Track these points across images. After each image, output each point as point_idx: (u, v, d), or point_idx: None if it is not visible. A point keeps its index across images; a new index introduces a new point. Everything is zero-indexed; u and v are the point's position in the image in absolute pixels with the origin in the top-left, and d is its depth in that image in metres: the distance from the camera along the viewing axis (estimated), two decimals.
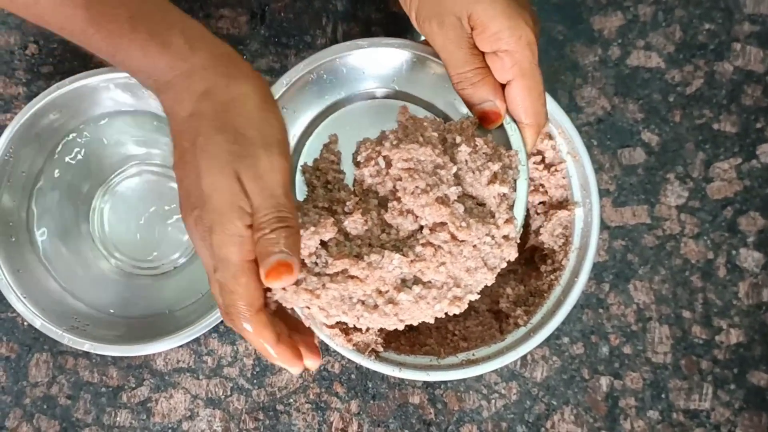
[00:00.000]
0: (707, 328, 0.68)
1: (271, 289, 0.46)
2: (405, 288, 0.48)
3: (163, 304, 0.67)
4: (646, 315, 0.68)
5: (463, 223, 0.48)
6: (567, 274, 0.58)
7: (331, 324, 0.50)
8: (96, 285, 0.67)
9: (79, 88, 0.61)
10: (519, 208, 0.52)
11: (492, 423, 0.67)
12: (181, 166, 0.45)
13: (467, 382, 0.67)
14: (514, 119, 0.52)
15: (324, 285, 0.47)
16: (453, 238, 0.48)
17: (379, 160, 0.51)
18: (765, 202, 0.69)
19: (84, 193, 0.68)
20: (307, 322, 0.54)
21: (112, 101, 0.64)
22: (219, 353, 0.67)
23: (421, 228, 0.49)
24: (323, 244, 0.48)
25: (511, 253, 0.50)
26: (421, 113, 0.56)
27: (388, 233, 0.49)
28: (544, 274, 0.59)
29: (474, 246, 0.48)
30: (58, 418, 0.67)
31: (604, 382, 0.68)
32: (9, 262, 0.61)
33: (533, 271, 0.60)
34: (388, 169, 0.50)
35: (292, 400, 0.67)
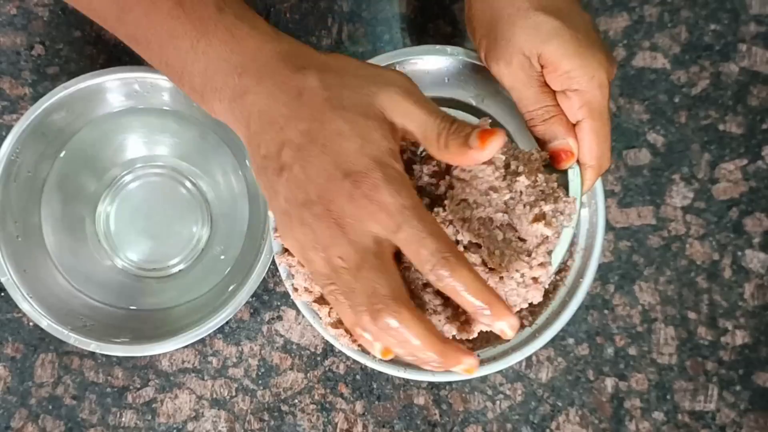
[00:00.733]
0: (713, 330, 0.68)
1: None
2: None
3: (169, 304, 0.67)
4: (652, 316, 0.68)
5: (497, 251, 0.46)
6: (572, 274, 0.57)
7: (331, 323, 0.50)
8: (102, 285, 0.67)
9: (85, 89, 0.62)
10: (558, 254, 0.50)
11: (497, 424, 0.67)
12: (303, 153, 0.43)
13: (472, 383, 0.67)
14: (577, 161, 0.51)
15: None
16: (483, 263, 0.46)
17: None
18: None
19: (90, 194, 0.68)
20: (314, 323, 0.54)
21: (118, 102, 0.65)
22: (224, 354, 0.68)
23: (457, 243, 0.47)
24: None
25: (536, 297, 0.48)
26: None
27: None
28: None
29: (501, 278, 0.47)
30: (63, 419, 0.67)
31: (609, 383, 0.67)
32: (15, 261, 0.62)
33: None
34: (446, 173, 0.49)
35: (297, 401, 0.67)
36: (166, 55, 0.48)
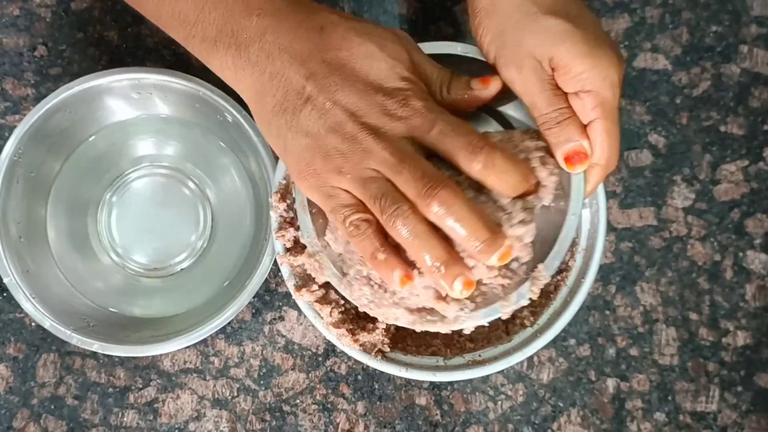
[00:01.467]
0: (714, 330, 0.68)
1: None
2: None
3: (171, 305, 0.67)
4: (653, 317, 0.68)
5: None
6: (573, 275, 0.58)
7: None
8: (104, 285, 0.67)
9: (87, 90, 0.62)
10: (558, 253, 0.49)
11: (498, 424, 0.67)
12: (330, 80, 0.46)
13: (474, 384, 0.67)
14: None
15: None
16: None
17: None
18: None
19: (93, 194, 0.68)
20: (316, 323, 0.55)
21: (120, 102, 0.65)
22: (226, 354, 0.68)
23: None
24: None
25: (524, 256, 0.48)
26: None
27: None
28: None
29: None
30: (65, 419, 0.67)
31: (610, 383, 0.68)
32: (18, 262, 0.62)
33: None
34: None
35: (298, 401, 0.67)
36: (180, 5, 0.48)
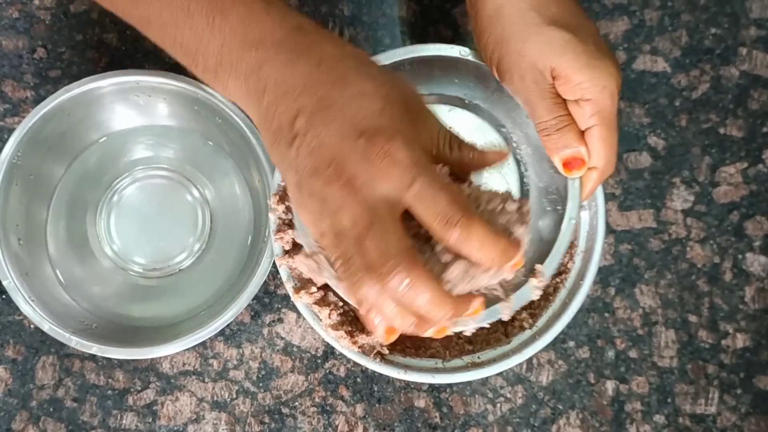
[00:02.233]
0: (713, 333, 0.68)
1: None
2: None
3: (170, 307, 0.67)
4: (652, 319, 0.68)
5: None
6: (572, 277, 0.58)
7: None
8: (103, 288, 0.67)
9: (87, 92, 0.62)
10: (555, 257, 0.51)
11: (498, 427, 0.67)
12: (319, 117, 0.43)
13: (473, 386, 0.67)
14: None
15: None
16: None
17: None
18: None
19: (91, 196, 0.68)
20: (315, 325, 0.55)
21: (119, 105, 0.65)
22: (225, 356, 0.68)
23: None
24: None
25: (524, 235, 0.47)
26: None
27: None
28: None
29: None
30: (64, 421, 0.67)
31: (610, 386, 0.67)
32: (17, 265, 0.62)
33: None
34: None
35: (297, 404, 0.67)
36: (181, 35, 0.47)
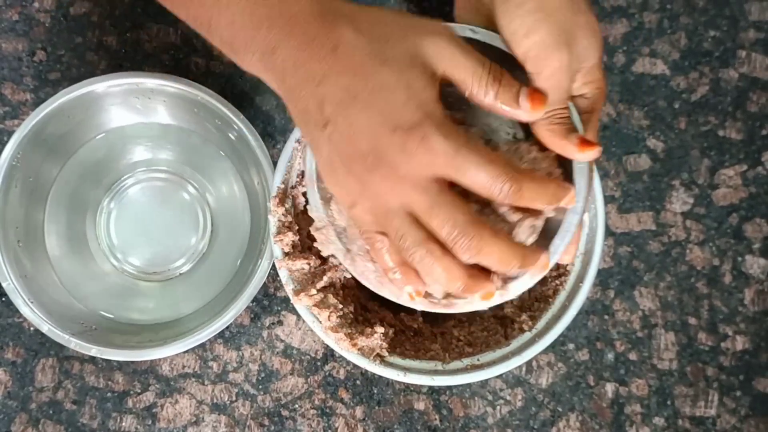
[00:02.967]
0: (713, 335, 0.68)
1: None
2: None
3: (170, 309, 0.67)
4: (652, 321, 0.68)
5: None
6: (572, 279, 0.58)
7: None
8: (102, 290, 0.67)
9: (86, 94, 0.62)
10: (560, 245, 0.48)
11: (497, 429, 0.67)
12: (347, 107, 0.43)
13: (472, 388, 0.67)
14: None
15: None
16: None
17: None
18: None
19: (91, 198, 0.68)
20: (314, 327, 0.55)
21: (119, 107, 0.65)
22: (224, 359, 0.68)
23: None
24: None
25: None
26: None
27: None
28: (549, 280, 0.59)
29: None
30: (63, 423, 0.67)
31: (609, 388, 0.67)
32: (16, 267, 0.62)
33: None
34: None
35: (297, 406, 0.67)
36: (193, 8, 0.47)
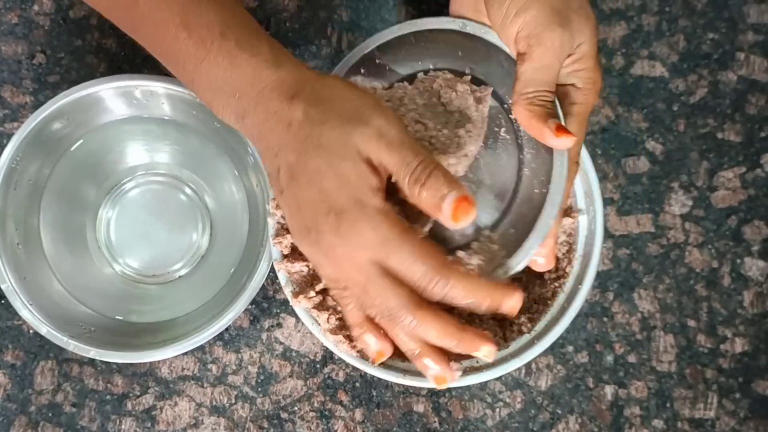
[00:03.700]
0: (712, 337, 0.68)
1: None
2: None
3: (168, 311, 0.67)
4: (651, 324, 0.68)
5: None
6: (571, 281, 0.58)
7: None
8: (101, 292, 0.67)
9: (85, 97, 0.62)
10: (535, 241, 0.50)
11: (496, 431, 0.67)
12: (294, 183, 0.46)
13: (472, 391, 0.67)
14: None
15: None
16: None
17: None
18: None
19: (90, 201, 0.68)
20: (313, 329, 0.55)
21: (118, 110, 0.65)
22: (224, 361, 0.68)
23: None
24: None
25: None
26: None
27: None
28: (548, 282, 0.59)
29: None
30: (63, 426, 0.67)
31: (608, 390, 0.67)
32: (15, 269, 0.62)
33: (537, 279, 0.60)
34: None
35: (296, 409, 0.67)
36: (177, 70, 0.51)
